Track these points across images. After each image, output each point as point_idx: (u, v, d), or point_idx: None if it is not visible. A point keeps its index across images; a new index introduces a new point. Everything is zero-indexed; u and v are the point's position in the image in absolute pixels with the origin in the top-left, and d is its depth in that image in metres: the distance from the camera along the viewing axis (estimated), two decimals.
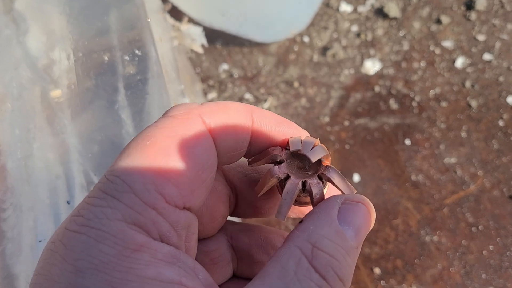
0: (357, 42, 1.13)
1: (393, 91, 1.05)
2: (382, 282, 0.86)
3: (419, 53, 1.10)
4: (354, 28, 1.14)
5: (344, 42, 1.13)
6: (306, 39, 1.14)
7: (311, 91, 1.08)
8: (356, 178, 0.95)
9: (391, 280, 0.86)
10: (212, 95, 1.11)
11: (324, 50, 1.13)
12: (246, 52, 1.16)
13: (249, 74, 1.11)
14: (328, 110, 1.04)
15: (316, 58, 1.12)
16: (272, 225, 0.89)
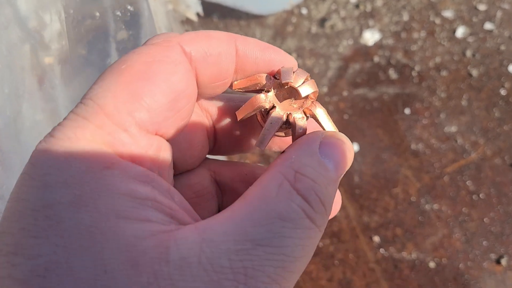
0: (356, 13, 1.11)
1: (393, 61, 1.03)
2: (382, 250, 0.84)
3: (419, 23, 1.08)
4: None
5: (343, 14, 1.11)
6: (304, 11, 1.12)
7: (309, 62, 1.06)
8: (356, 148, 0.94)
9: (391, 248, 0.85)
10: None
11: (322, 22, 1.11)
12: (243, 25, 1.14)
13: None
14: (327, 81, 1.02)
15: (314, 30, 1.10)
16: None
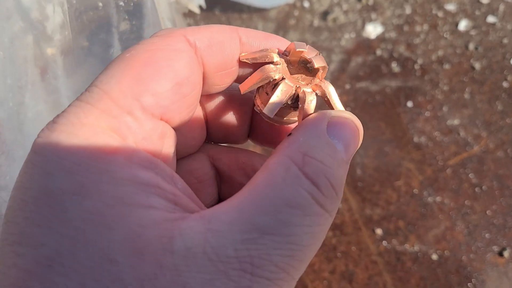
0: (358, 7, 1.11)
1: (395, 55, 1.03)
2: (384, 243, 0.84)
3: (422, 17, 1.07)
4: None
5: (345, 7, 1.11)
6: (306, 4, 1.12)
7: None
8: None
9: (393, 241, 0.85)
10: None
11: (325, 15, 1.10)
12: (245, 18, 1.13)
13: None
14: (329, 74, 1.02)
15: (317, 23, 1.10)
16: None
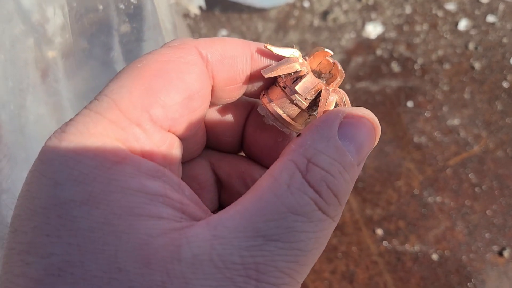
0: (358, 6, 1.11)
1: (395, 54, 1.03)
2: (385, 243, 0.85)
3: (422, 16, 1.08)
4: None
5: (345, 7, 1.11)
6: (306, 4, 1.12)
7: None
8: None
9: (394, 241, 0.85)
10: None
11: (325, 15, 1.10)
12: (245, 18, 1.13)
13: (249, 40, 1.09)
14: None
15: (317, 23, 1.10)
16: None
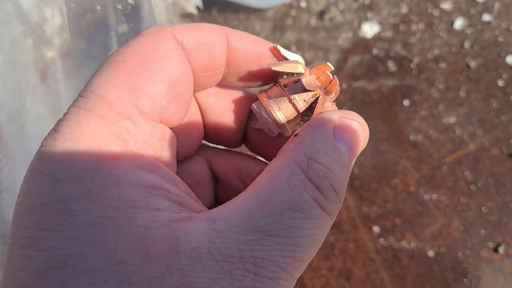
0: (355, 6, 1.11)
1: (392, 54, 1.04)
2: (381, 240, 0.86)
3: (418, 16, 1.08)
4: None
5: (342, 6, 1.12)
6: (303, 4, 1.13)
7: (309, 55, 1.06)
8: None
9: (390, 238, 0.86)
10: None
11: (321, 14, 1.11)
12: (243, 19, 1.14)
13: None
14: None
15: (314, 23, 1.10)
16: None
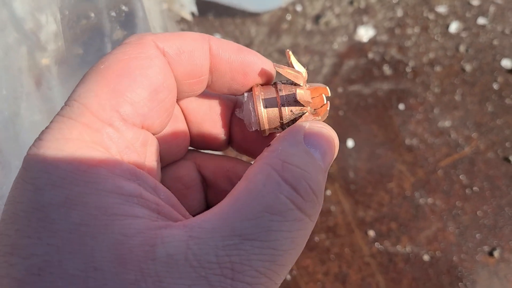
0: (350, 10, 1.12)
1: (387, 57, 1.04)
2: (377, 244, 0.86)
3: (413, 19, 1.09)
4: None
5: (337, 10, 1.12)
6: (299, 8, 1.13)
7: (304, 59, 1.07)
8: (350, 144, 0.95)
9: (386, 242, 0.86)
10: None
11: (317, 19, 1.11)
12: (239, 23, 1.14)
13: (242, 44, 1.10)
14: (322, 78, 1.03)
15: (309, 27, 1.11)
16: None
